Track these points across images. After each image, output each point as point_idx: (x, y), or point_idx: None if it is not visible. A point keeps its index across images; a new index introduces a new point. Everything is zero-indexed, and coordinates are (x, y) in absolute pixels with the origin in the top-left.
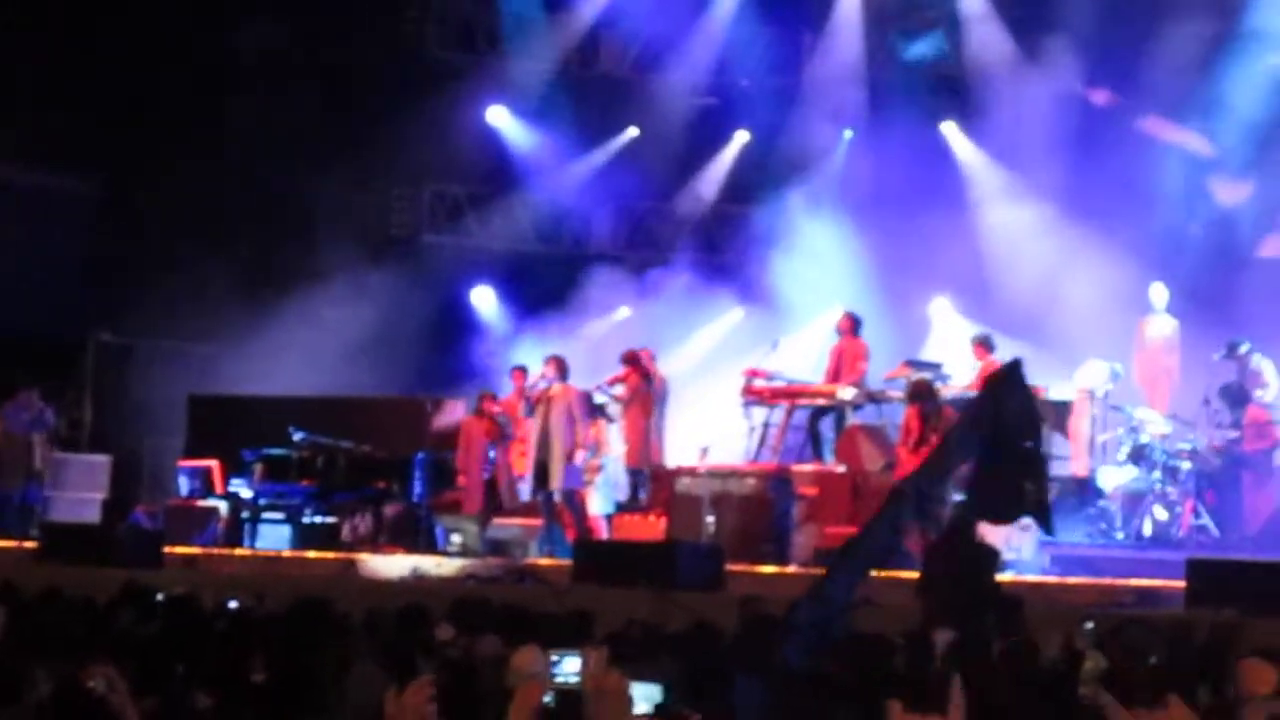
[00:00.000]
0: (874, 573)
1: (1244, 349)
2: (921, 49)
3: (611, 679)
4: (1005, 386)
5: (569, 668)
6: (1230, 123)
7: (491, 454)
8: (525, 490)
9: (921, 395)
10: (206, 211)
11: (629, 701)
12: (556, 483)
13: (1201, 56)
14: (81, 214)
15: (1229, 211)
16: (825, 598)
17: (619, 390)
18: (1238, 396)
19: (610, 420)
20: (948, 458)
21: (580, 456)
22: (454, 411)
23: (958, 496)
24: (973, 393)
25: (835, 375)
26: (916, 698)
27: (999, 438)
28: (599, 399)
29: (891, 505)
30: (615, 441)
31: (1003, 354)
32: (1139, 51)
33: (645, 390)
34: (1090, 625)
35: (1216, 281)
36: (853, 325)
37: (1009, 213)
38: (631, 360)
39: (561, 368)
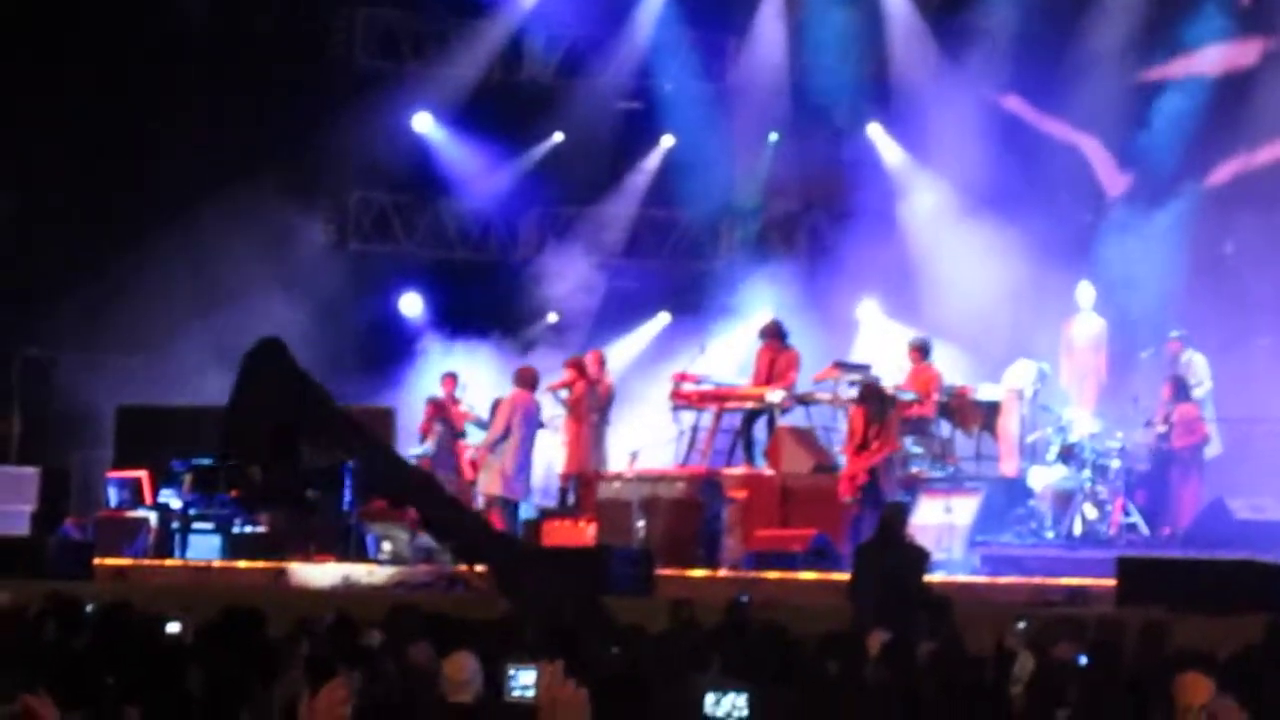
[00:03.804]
0: None
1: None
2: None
3: (566, 691)
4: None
5: (524, 680)
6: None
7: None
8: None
9: (869, 398)
10: (129, 222)
11: (586, 713)
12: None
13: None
14: None
15: (1115, 202)
16: None
17: (565, 395)
18: (1179, 391)
19: (542, 425)
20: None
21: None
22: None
23: (901, 496)
24: (905, 393)
25: (766, 381)
26: None
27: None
28: (551, 402)
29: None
30: (554, 447)
31: (935, 357)
32: (1046, 61)
33: (588, 395)
34: (1023, 625)
35: (1124, 272)
36: (779, 333)
37: (934, 215)
38: (576, 365)
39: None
